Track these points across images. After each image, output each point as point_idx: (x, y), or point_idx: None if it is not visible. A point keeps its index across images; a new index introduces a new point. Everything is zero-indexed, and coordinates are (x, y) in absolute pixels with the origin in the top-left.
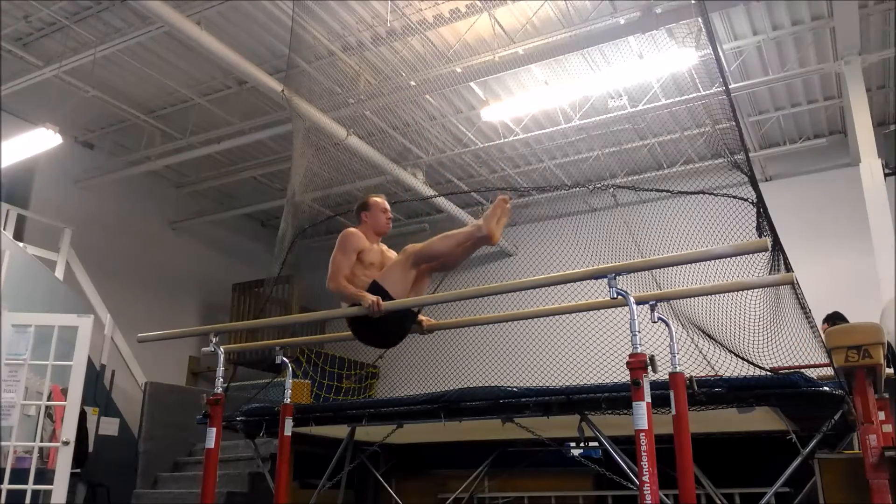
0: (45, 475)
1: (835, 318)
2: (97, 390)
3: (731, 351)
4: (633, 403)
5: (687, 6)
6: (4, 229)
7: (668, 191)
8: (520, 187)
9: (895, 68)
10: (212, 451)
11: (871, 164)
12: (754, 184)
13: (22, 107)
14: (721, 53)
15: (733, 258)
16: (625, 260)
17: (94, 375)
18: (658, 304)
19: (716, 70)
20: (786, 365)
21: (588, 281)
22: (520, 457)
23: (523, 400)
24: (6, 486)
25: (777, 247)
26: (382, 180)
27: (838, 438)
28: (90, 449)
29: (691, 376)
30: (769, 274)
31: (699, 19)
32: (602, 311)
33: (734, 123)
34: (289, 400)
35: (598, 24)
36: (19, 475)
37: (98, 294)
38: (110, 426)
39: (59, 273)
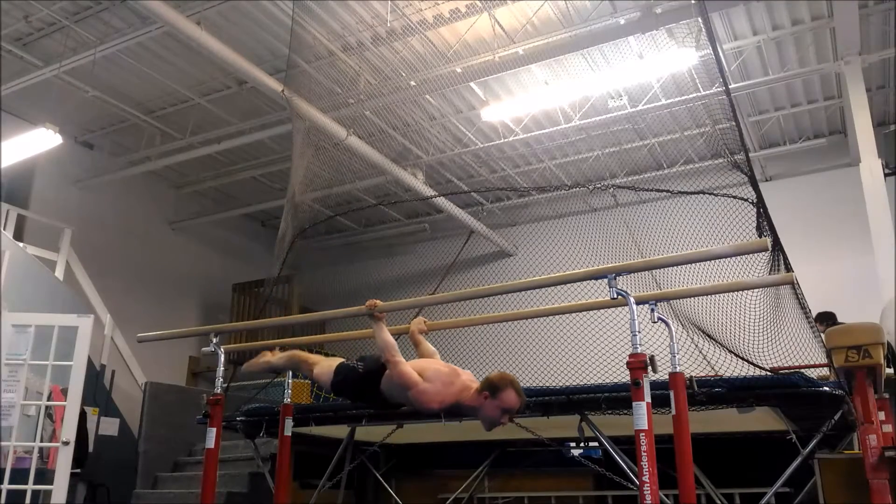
0: (45, 475)
1: (825, 318)
2: (97, 390)
3: (731, 351)
4: (633, 403)
5: (687, 6)
6: (4, 229)
7: (668, 191)
8: (520, 187)
9: (895, 68)
10: (212, 451)
11: (871, 164)
12: (754, 184)
13: (22, 107)
14: (721, 53)
15: (733, 258)
16: (625, 260)
17: (94, 375)
18: (658, 304)
19: (716, 70)
20: (786, 365)
21: (588, 281)
22: (520, 457)
23: None
24: (6, 486)
25: (777, 247)
26: (382, 180)
27: (838, 438)
28: (90, 449)
29: (691, 376)
30: (769, 274)
31: (699, 19)
32: (602, 311)
33: (734, 123)
34: (289, 400)
35: (598, 24)
36: (19, 475)
37: (98, 294)
38: (110, 426)
39: (59, 273)
